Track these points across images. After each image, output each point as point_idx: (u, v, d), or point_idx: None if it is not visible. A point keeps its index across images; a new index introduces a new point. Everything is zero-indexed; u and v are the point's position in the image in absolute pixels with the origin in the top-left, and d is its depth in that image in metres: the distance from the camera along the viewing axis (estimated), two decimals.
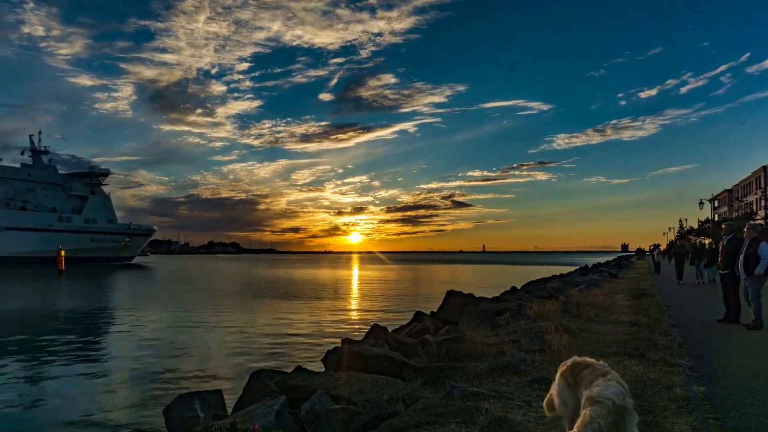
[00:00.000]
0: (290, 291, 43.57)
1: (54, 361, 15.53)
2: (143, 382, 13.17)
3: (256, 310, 29.02)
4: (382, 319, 24.96)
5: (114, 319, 25.52)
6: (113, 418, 10.37)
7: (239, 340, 19.10)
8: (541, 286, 25.49)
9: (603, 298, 17.33)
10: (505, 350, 8.20)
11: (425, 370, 7.16)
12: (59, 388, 12.64)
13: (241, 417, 5.18)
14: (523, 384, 6.41)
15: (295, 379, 7.22)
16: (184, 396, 6.93)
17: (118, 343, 18.82)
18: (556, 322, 10.68)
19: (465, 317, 12.15)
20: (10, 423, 10.13)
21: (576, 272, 43.06)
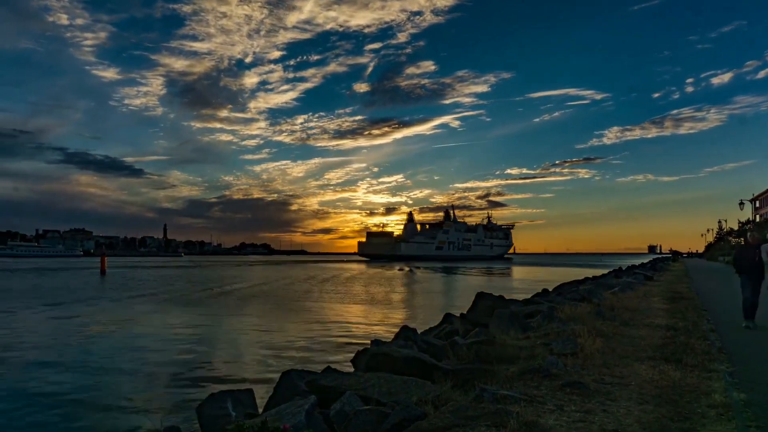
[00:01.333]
0: (319, 291, 43.89)
1: (87, 358, 16.02)
2: (176, 380, 13.46)
3: (286, 310, 29.34)
4: (411, 320, 24.93)
5: (150, 317, 26.17)
6: (148, 415, 10.62)
7: (270, 340, 19.33)
8: (573, 288, 25.04)
9: (637, 301, 16.92)
10: (536, 353, 8.09)
11: (455, 373, 7.11)
12: (93, 384, 13.02)
13: (272, 416, 5.24)
14: (554, 388, 6.30)
15: (324, 380, 7.25)
16: (216, 395, 7.06)
17: (154, 340, 19.27)
18: (589, 325, 10.47)
19: (495, 319, 12.02)
20: (45, 414, 10.49)
21: (609, 274, 42.15)
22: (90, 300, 35.49)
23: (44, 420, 10.34)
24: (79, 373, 14.18)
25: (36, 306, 31.43)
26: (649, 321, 12.52)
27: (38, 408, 11.11)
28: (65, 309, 29.95)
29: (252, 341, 19.11)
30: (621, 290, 20.27)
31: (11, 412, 10.86)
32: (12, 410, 10.99)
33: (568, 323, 11.18)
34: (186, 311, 29.28)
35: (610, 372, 7.21)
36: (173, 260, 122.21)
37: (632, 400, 5.89)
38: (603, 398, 5.92)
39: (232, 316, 26.73)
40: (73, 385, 12.91)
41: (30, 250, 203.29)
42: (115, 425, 10.05)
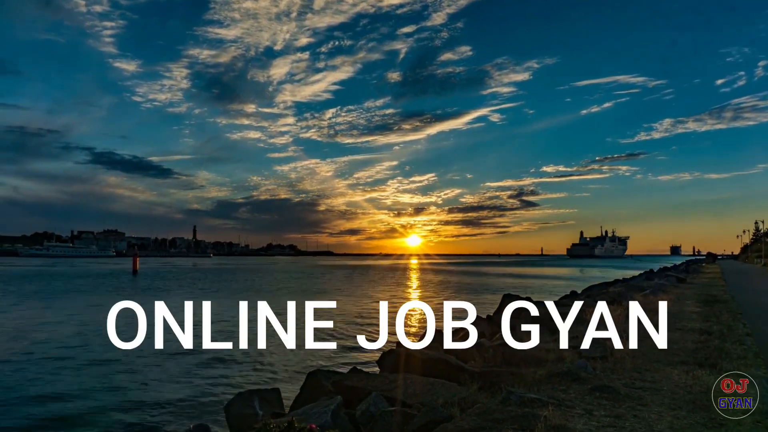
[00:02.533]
0: (345, 292, 44.06)
1: (116, 355, 16.39)
2: (205, 378, 13.67)
3: (311, 309, 29.50)
4: (435, 321, 24.83)
5: (180, 314, 26.61)
6: (176, 413, 10.83)
7: (296, 340, 19.48)
8: (603, 290, 24.60)
9: (670, 304, 16.52)
10: (564, 356, 7.97)
11: (481, 375, 7.07)
12: (122, 382, 13.31)
13: (299, 416, 5.28)
14: (583, 392, 6.19)
15: (350, 380, 7.29)
16: (243, 393, 7.15)
17: (184, 338, 19.60)
18: (619, 327, 10.27)
19: (521, 321, 11.89)
20: (77, 407, 10.77)
21: (640, 276, 41.30)
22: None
23: (69, 414, 10.62)
24: (116, 370, 14.54)
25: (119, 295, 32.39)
26: (681, 324, 12.21)
27: (63, 405, 11.42)
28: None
29: (278, 339, 19.29)
30: (652, 293, 19.82)
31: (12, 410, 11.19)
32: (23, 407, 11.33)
33: (598, 327, 10.98)
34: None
35: (641, 376, 7.05)
36: (221, 262, 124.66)
37: (664, 405, 5.75)
38: (634, 403, 5.80)
39: (259, 311, 27.05)
40: (105, 382, 13.23)
41: (65, 251, 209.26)
42: (145, 421, 10.26)
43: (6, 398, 11.87)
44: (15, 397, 11.99)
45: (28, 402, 11.59)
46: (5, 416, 10.62)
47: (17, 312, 28.51)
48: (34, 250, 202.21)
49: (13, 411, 10.93)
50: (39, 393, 12.29)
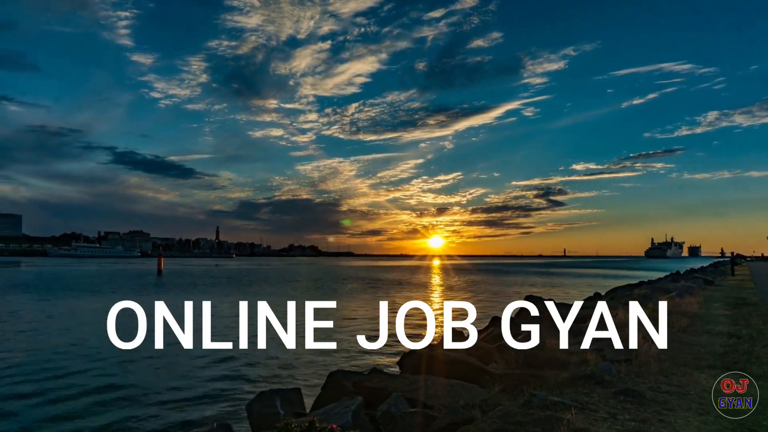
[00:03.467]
0: (368, 293, 44.13)
1: (141, 354, 16.66)
2: (226, 377, 13.82)
3: (333, 309, 29.63)
4: (457, 323, 24.70)
5: (203, 315, 26.96)
6: (199, 411, 10.96)
7: (317, 339, 19.57)
8: (627, 292, 24.19)
9: (697, 306, 16.16)
10: (588, 359, 7.85)
11: (503, 377, 7.00)
12: (145, 380, 13.52)
13: (320, 416, 5.30)
14: (607, 395, 6.09)
15: (371, 381, 7.29)
16: (265, 393, 7.21)
17: (207, 337, 19.83)
18: (644, 330, 10.08)
19: (545, 324, 11.76)
20: (102, 404, 10.97)
21: (666, 278, 40.50)
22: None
23: (93, 411, 10.83)
24: (144, 367, 14.78)
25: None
26: (709, 328, 11.93)
27: (87, 400, 11.65)
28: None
29: (299, 338, 19.39)
30: (679, 295, 19.40)
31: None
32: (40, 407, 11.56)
33: (622, 329, 10.79)
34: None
35: (667, 380, 6.91)
36: (241, 263, 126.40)
37: (691, 410, 5.63)
38: (660, 407, 5.68)
39: (281, 311, 27.19)
40: (130, 379, 13.46)
41: (92, 251, 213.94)
42: (168, 419, 10.41)
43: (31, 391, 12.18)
44: (42, 390, 12.28)
45: (56, 397, 11.86)
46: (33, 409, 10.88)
47: (54, 310, 29.20)
48: (62, 251, 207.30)
49: (42, 403, 11.20)
50: (66, 389, 12.56)
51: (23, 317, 26.27)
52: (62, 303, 33.35)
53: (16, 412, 10.89)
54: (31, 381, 13.41)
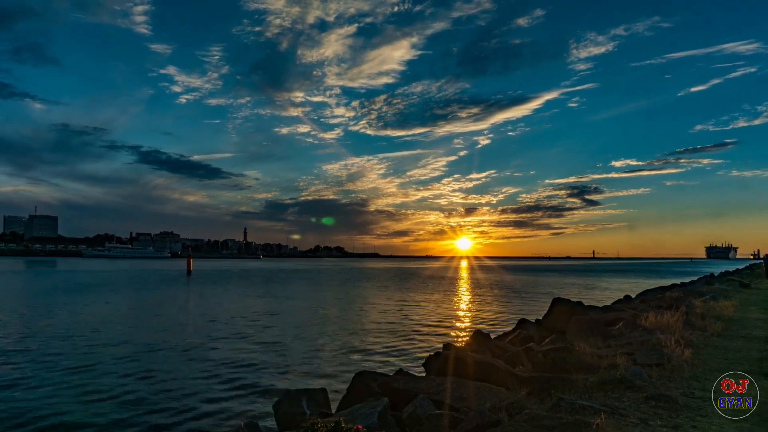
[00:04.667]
0: (394, 294, 44.15)
1: (171, 355, 16.99)
2: (254, 376, 13.99)
3: (360, 311, 29.75)
4: (483, 324, 24.53)
5: (230, 314, 27.39)
6: (227, 408, 11.12)
7: (343, 340, 19.67)
8: (659, 295, 23.64)
9: (732, 310, 15.69)
10: (617, 363, 7.69)
11: (530, 380, 6.91)
12: (174, 378, 13.77)
13: (345, 416, 5.32)
14: (638, 400, 5.96)
15: (397, 382, 7.29)
16: (292, 393, 7.28)
17: (236, 335, 20.13)
18: (677, 334, 9.83)
19: (573, 326, 11.59)
20: (129, 400, 11.22)
21: (700, 281, 39.46)
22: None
23: (119, 408, 11.07)
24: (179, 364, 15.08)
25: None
26: (745, 332, 11.57)
27: (110, 405, 11.91)
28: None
29: (325, 339, 19.52)
30: (713, 298, 18.88)
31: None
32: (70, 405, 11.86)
33: (654, 332, 10.55)
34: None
35: (700, 385, 6.73)
36: (266, 265, 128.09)
37: (727, 416, 5.47)
38: (693, 413, 5.54)
39: (309, 311, 27.43)
40: (159, 377, 13.74)
41: (124, 252, 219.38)
42: (196, 418, 10.59)
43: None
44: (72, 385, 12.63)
45: (86, 393, 12.19)
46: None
47: (85, 311, 30.02)
48: (96, 251, 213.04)
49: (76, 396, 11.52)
50: (92, 386, 12.89)
51: (111, 315, 27.08)
52: (125, 301, 34.30)
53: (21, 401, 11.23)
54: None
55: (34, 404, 11.37)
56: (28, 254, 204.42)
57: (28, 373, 14.17)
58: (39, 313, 27.87)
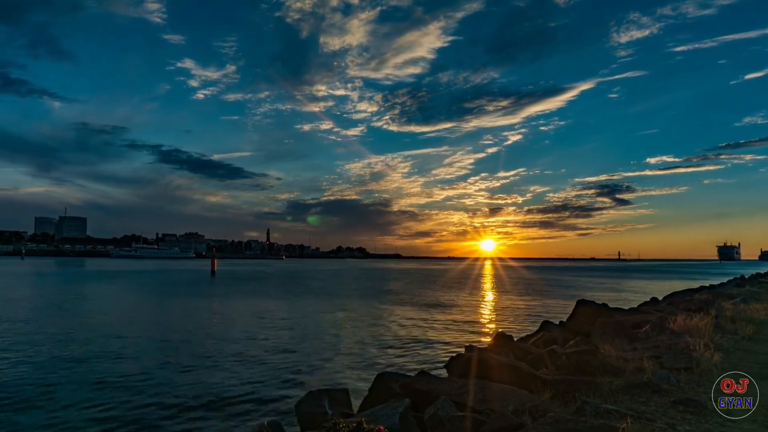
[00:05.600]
0: (416, 295, 44.05)
1: (196, 354, 17.22)
2: (276, 376, 14.09)
3: (381, 311, 29.75)
4: (506, 326, 24.31)
5: (252, 314, 27.66)
6: (250, 407, 11.23)
7: (365, 340, 19.69)
8: (687, 297, 23.14)
9: (764, 313, 15.26)
10: (644, 366, 7.54)
11: (554, 383, 6.82)
12: (199, 377, 13.95)
13: (367, 417, 5.32)
14: (665, 404, 5.84)
15: (419, 383, 7.26)
16: (314, 392, 7.31)
17: (259, 335, 20.32)
18: (706, 338, 9.60)
19: (598, 329, 11.41)
20: (153, 398, 11.40)
21: (730, 282, 38.51)
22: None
23: (144, 405, 11.25)
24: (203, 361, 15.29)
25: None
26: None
27: (141, 395, 12.11)
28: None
29: (347, 339, 19.57)
30: (743, 301, 18.41)
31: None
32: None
33: (682, 335, 10.33)
34: None
35: None
36: (286, 266, 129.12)
37: (757, 422, 5.31)
38: (722, 419, 5.40)
39: (331, 311, 27.53)
40: (182, 376, 13.93)
41: (150, 252, 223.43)
42: (220, 416, 10.71)
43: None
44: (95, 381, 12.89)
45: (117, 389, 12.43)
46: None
47: (112, 309, 30.64)
48: (123, 252, 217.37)
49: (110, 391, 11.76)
50: (116, 382, 13.14)
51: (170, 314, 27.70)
52: (176, 301, 34.96)
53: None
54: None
55: (79, 396, 11.65)
56: (59, 254, 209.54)
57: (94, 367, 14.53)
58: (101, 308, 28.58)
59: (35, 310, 29.14)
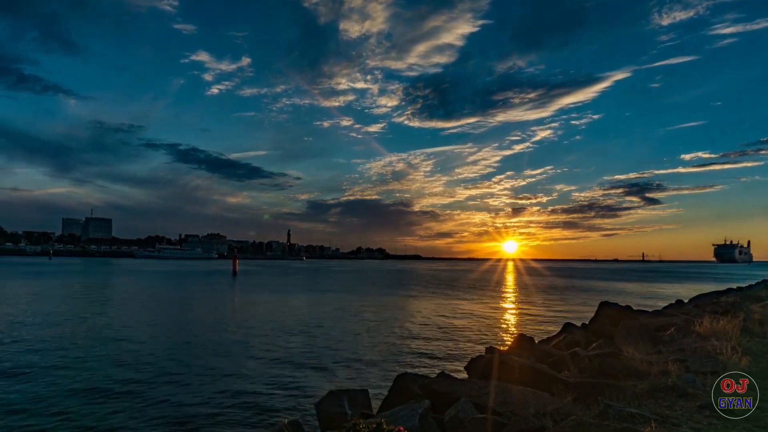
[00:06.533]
0: (436, 296, 43.92)
1: (215, 350, 17.42)
2: (297, 373, 14.17)
3: (402, 312, 29.73)
4: (527, 328, 24.08)
5: (272, 313, 27.88)
6: (269, 407, 11.31)
7: (385, 341, 19.69)
8: (714, 299, 22.63)
9: None
10: (669, 370, 7.40)
11: (576, 386, 6.74)
12: (220, 375, 14.09)
13: (387, 418, 5.32)
14: (691, 409, 5.71)
15: (438, 385, 7.24)
16: (334, 393, 7.33)
17: (279, 333, 20.47)
18: (733, 341, 9.37)
19: (621, 331, 11.23)
20: (176, 397, 11.56)
21: (758, 285, 37.57)
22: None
23: (167, 404, 11.40)
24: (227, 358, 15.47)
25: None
26: None
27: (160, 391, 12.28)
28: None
29: (368, 339, 19.59)
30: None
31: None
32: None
33: (708, 338, 10.11)
34: None
35: (759, 395, 6.39)
36: (304, 267, 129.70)
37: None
38: (750, 424, 5.26)
39: (353, 311, 27.60)
40: (207, 375, 14.10)
41: (174, 253, 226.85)
42: (241, 414, 10.81)
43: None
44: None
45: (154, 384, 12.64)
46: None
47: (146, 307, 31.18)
48: (147, 252, 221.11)
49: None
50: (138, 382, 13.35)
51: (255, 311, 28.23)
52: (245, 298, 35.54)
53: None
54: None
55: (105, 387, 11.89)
56: (85, 255, 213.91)
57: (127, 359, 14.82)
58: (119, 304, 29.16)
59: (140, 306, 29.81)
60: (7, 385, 12.91)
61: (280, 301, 36.81)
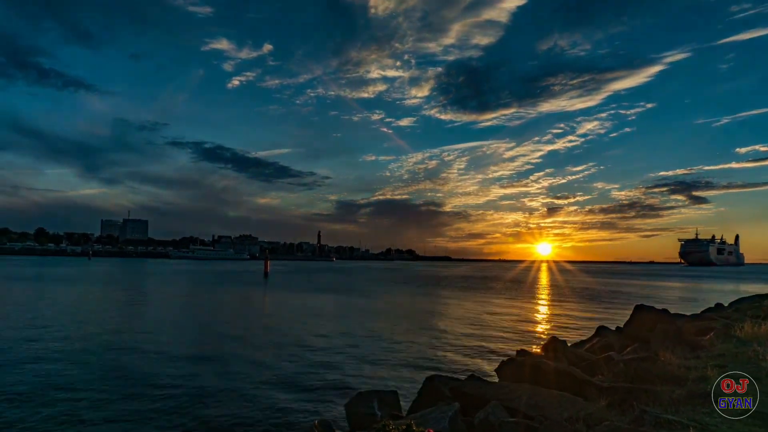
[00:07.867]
0: (468, 297, 43.62)
1: (245, 351, 17.66)
2: (327, 374, 14.27)
3: (432, 313, 29.63)
4: (559, 331, 23.69)
5: (302, 313, 28.15)
6: (299, 408, 11.41)
7: (415, 343, 19.65)
8: (756, 303, 21.82)
9: None
10: (708, 375, 7.18)
11: (610, 390, 6.60)
12: (250, 375, 14.28)
13: (416, 419, 5.31)
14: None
15: (468, 387, 7.19)
16: (363, 394, 7.36)
17: (309, 334, 20.65)
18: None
19: (657, 335, 10.96)
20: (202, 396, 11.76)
21: None
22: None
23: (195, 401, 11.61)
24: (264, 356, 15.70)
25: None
26: None
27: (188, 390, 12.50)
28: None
29: (398, 340, 19.59)
30: None
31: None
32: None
33: (749, 343, 9.76)
34: None
35: None
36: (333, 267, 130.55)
37: None
38: None
39: (383, 312, 27.64)
40: (236, 374, 14.32)
41: (207, 253, 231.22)
42: (273, 414, 10.94)
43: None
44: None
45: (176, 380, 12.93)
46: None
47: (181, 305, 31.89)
48: (181, 253, 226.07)
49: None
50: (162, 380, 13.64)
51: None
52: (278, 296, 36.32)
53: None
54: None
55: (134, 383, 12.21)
56: (122, 255, 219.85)
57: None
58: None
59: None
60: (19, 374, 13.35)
61: (312, 301, 37.13)
